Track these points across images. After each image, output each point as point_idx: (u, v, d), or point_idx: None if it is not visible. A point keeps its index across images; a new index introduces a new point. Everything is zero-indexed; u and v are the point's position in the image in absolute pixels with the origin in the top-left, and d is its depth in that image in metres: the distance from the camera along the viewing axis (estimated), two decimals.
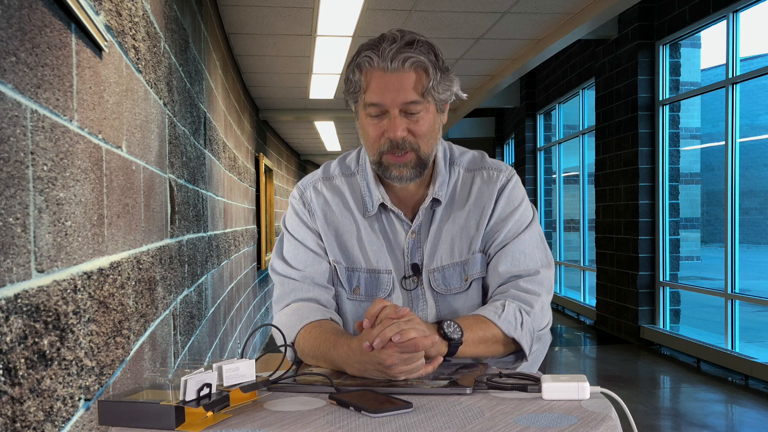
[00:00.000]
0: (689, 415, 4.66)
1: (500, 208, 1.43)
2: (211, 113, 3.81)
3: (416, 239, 1.44)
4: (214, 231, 3.76)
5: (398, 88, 1.29)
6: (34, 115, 1.04)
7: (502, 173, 1.47)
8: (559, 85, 9.27)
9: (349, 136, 11.84)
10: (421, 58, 1.29)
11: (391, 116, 1.31)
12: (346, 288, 1.47)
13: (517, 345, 1.33)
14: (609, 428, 0.94)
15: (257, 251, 7.19)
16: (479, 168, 1.48)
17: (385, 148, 1.34)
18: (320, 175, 1.51)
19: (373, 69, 1.30)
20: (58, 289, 1.13)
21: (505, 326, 1.30)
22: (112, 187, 1.52)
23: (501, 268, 1.40)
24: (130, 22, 1.76)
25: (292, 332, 1.36)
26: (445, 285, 1.43)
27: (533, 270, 1.40)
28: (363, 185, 1.46)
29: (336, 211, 1.47)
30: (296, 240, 1.48)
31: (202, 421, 0.94)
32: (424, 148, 1.35)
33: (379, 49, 1.30)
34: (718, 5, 5.80)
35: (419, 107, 1.31)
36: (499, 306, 1.33)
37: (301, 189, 1.51)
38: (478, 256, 1.43)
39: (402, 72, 1.29)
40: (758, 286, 11.12)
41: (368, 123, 1.35)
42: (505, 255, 1.40)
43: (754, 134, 18.86)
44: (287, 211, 1.53)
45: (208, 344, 3.45)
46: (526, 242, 1.42)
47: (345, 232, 1.46)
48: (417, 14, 4.96)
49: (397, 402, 1.01)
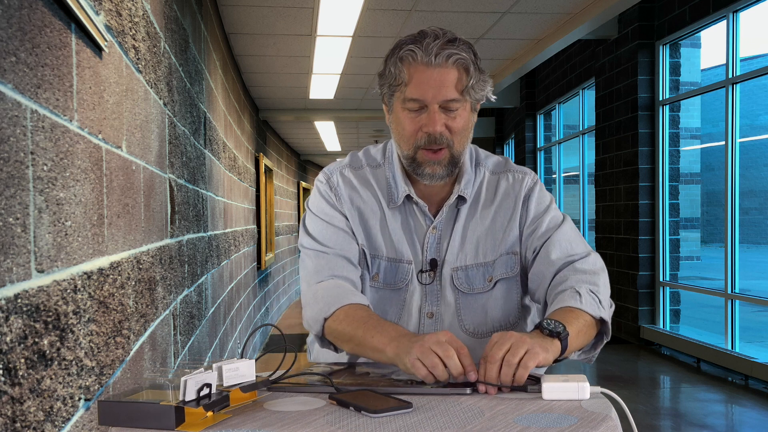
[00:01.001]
0: (689, 415, 4.66)
1: (533, 208, 1.46)
2: (211, 113, 3.81)
3: (437, 235, 1.45)
4: (214, 231, 3.76)
5: (440, 84, 1.30)
6: (34, 115, 1.04)
7: (527, 176, 1.50)
8: (559, 85, 9.27)
9: (349, 136, 11.84)
10: (464, 56, 1.31)
11: (430, 111, 1.32)
12: (369, 273, 1.47)
13: (598, 325, 1.31)
14: (609, 428, 0.94)
15: (257, 251, 7.19)
16: (504, 171, 1.50)
17: (422, 143, 1.35)
18: (347, 163, 1.52)
19: (417, 63, 1.31)
20: (58, 289, 1.13)
21: (590, 309, 1.28)
22: (112, 187, 1.52)
23: (553, 256, 1.41)
24: (130, 22, 1.76)
25: (331, 308, 1.34)
26: (468, 284, 1.44)
27: (584, 253, 1.41)
28: (389, 176, 1.47)
29: (362, 197, 1.47)
30: (323, 220, 1.47)
31: (202, 421, 0.94)
32: (458, 146, 1.37)
33: (422, 44, 1.31)
34: (718, 5, 5.80)
35: (458, 104, 1.33)
36: (573, 292, 1.31)
37: (327, 174, 1.51)
38: (505, 257, 1.45)
39: (445, 68, 1.30)
40: (758, 286, 11.12)
41: (405, 117, 1.35)
42: (552, 244, 1.42)
43: (754, 134, 18.86)
44: (311, 194, 1.52)
45: (208, 344, 3.45)
46: (568, 233, 1.44)
47: (370, 218, 1.46)
48: (417, 14, 4.96)
49: (397, 402, 1.01)
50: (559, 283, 1.37)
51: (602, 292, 1.35)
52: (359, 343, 1.27)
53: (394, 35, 5.45)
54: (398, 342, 1.18)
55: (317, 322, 1.36)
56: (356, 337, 1.28)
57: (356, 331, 1.28)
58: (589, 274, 1.36)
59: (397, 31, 5.33)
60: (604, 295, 1.35)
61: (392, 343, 1.19)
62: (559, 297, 1.33)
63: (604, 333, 1.33)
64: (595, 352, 1.35)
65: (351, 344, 1.30)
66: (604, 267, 1.42)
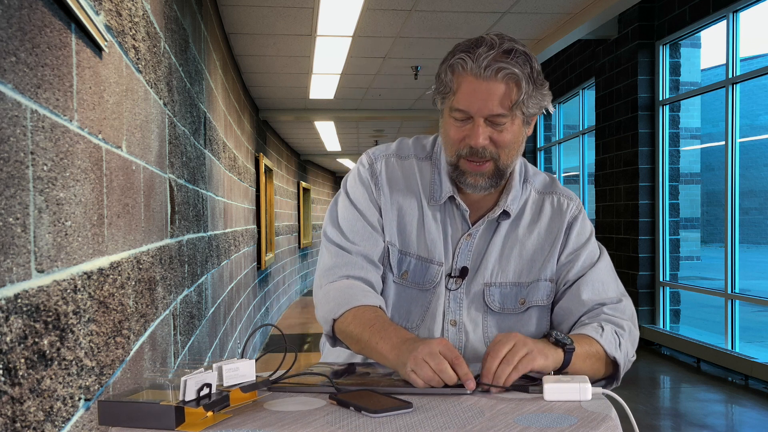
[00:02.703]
0: (689, 415, 4.66)
1: (573, 239, 1.42)
2: (211, 113, 3.81)
3: (471, 243, 1.40)
4: (214, 231, 3.76)
5: (486, 97, 1.25)
6: (34, 115, 1.04)
7: (573, 203, 1.45)
8: (559, 85, 9.27)
9: (349, 136, 11.84)
10: (516, 71, 1.24)
11: (474, 124, 1.28)
12: (395, 271, 1.42)
13: (611, 367, 1.29)
14: (609, 428, 0.93)
15: (257, 251, 7.19)
16: (550, 192, 1.46)
17: (465, 153, 1.31)
18: (394, 150, 1.46)
19: (466, 73, 1.26)
20: (58, 289, 1.12)
21: (607, 345, 1.26)
22: (112, 187, 1.52)
23: (584, 296, 1.37)
24: (130, 22, 1.76)
25: (340, 310, 1.32)
26: (501, 304, 1.40)
27: (615, 298, 1.37)
28: (434, 172, 1.43)
29: (403, 190, 1.43)
30: (356, 210, 1.42)
31: (202, 421, 0.94)
32: (504, 159, 1.32)
33: (474, 54, 1.25)
34: (718, 5, 5.80)
35: (505, 119, 1.27)
36: (597, 326, 1.29)
37: (372, 158, 1.45)
38: (543, 284, 1.40)
39: (494, 81, 1.25)
40: (758, 286, 11.12)
41: (451, 124, 1.32)
42: (585, 284, 1.38)
43: (754, 134, 18.86)
44: (351, 174, 1.47)
45: (208, 344, 3.45)
46: (603, 271, 1.40)
47: (407, 213, 1.42)
48: (417, 14, 4.96)
49: (397, 402, 1.01)
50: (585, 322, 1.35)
51: (626, 338, 1.31)
52: (365, 347, 1.27)
53: (394, 35, 5.45)
54: (398, 350, 1.18)
55: (327, 322, 1.35)
56: (362, 340, 1.27)
57: (362, 334, 1.27)
58: (617, 319, 1.33)
59: (397, 31, 5.33)
60: (626, 342, 1.31)
61: (393, 350, 1.19)
62: (582, 328, 1.31)
63: (614, 378, 1.31)
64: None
65: (358, 346, 1.30)
66: (635, 315, 1.39)
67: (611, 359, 1.27)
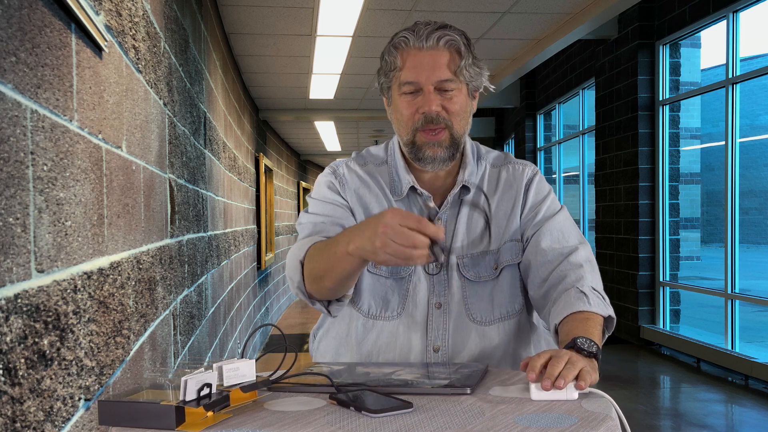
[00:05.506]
0: (689, 415, 4.66)
1: (531, 197, 1.49)
2: (211, 113, 3.81)
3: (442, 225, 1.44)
4: (214, 231, 3.76)
5: (432, 65, 1.34)
6: (34, 115, 1.04)
7: (528, 167, 1.53)
8: (559, 85, 9.27)
9: (349, 136, 11.84)
10: (455, 37, 1.36)
11: (425, 92, 1.35)
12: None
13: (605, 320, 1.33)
14: (609, 428, 0.93)
15: (257, 251, 7.19)
16: (505, 164, 1.53)
17: (420, 124, 1.37)
18: (353, 159, 1.55)
19: (409, 48, 1.36)
20: (58, 289, 1.12)
21: (600, 310, 1.30)
22: (112, 187, 1.52)
23: (543, 245, 1.43)
24: (130, 22, 1.76)
25: (302, 252, 1.33)
26: (475, 272, 1.45)
27: (573, 246, 1.43)
28: (393, 171, 1.49)
29: (367, 190, 1.49)
30: (323, 201, 1.47)
31: (202, 421, 0.94)
32: (457, 127, 1.38)
33: (414, 30, 1.37)
34: (718, 5, 5.80)
35: (452, 85, 1.35)
36: (578, 293, 1.32)
37: (333, 167, 1.54)
38: (510, 244, 1.46)
39: (436, 50, 1.35)
40: (758, 286, 11.12)
41: (402, 101, 1.38)
42: (544, 233, 1.44)
43: (754, 134, 18.87)
44: (315, 185, 1.53)
45: (208, 344, 3.45)
46: (562, 222, 1.46)
47: (374, 209, 1.47)
48: (417, 14, 4.96)
49: (398, 402, 1.01)
50: (559, 281, 1.38)
51: (599, 286, 1.37)
52: (331, 266, 1.24)
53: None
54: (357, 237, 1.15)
55: (296, 270, 1.33)
56: (324, 258, 1.25)
57: (322, 254, 1.26)
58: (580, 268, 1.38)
59: (397, 31, 5.33)
60: (602, 291, 1.37)
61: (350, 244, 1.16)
62: (565, 297, 1.33)
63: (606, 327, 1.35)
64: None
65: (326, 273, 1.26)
66: (593, 257, 1.45)
67: (605, 317, 1.32)
